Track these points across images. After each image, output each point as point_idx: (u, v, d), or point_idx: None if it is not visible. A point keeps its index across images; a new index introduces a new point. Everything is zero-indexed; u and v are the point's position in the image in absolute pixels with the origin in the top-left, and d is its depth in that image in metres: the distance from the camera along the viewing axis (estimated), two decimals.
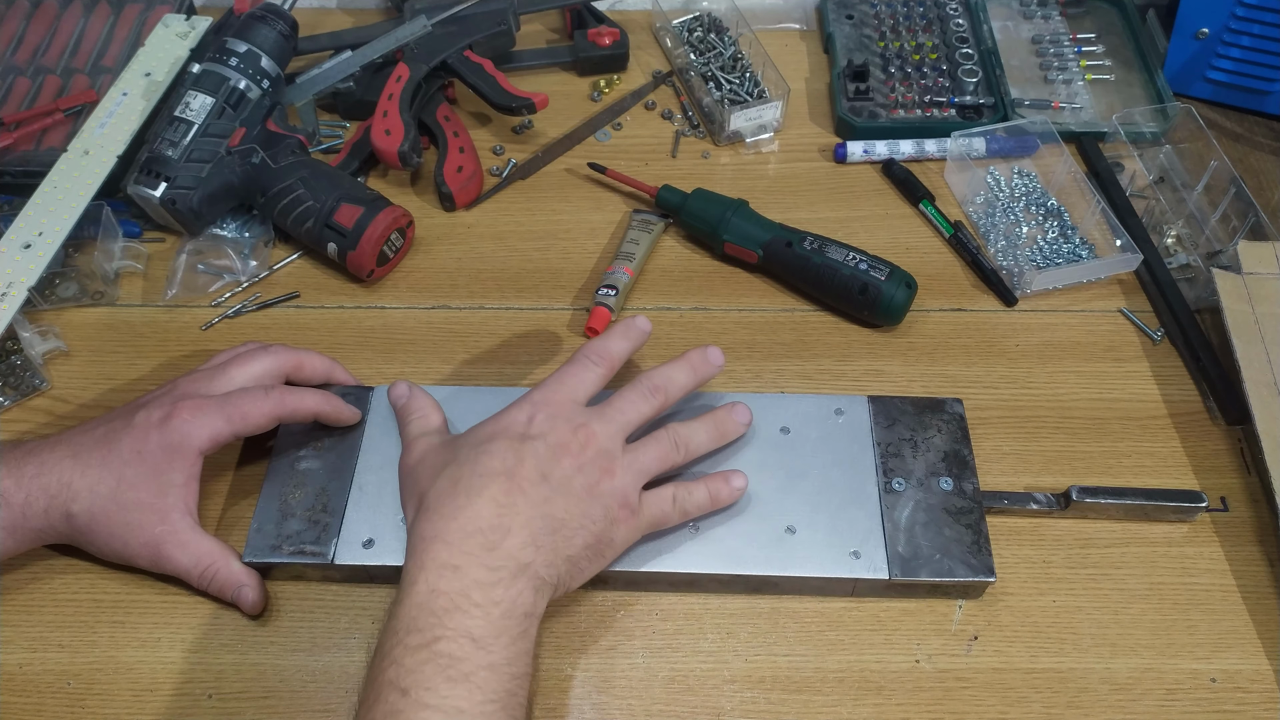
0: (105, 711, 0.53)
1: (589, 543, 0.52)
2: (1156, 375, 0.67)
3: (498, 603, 0.48)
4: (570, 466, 0.52)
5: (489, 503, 0.50)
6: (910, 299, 0.67)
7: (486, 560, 0.49)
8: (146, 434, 0.54)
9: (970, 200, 0.76)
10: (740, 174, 0.79)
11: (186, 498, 0.55)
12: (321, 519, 0.57)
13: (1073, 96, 0.83)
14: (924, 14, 0.88)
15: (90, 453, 0.54)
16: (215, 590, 0.55)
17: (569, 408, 0.54)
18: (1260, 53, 0.79)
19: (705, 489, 0.56)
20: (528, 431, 0.53)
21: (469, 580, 0.48)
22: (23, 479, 0.53)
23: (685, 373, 0.57)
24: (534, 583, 0.50)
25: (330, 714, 0.53)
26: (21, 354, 0.66)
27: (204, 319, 0.69)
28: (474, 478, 0.51)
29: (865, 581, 0.55)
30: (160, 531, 0.54)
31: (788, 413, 0.61)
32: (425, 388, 0.62)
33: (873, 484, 0.58)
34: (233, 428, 0.56)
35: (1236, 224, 0.70)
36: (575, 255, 0.74)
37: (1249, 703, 0.53)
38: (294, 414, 0.58)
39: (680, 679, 0.54)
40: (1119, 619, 0.56)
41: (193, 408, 0.55)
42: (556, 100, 0.82)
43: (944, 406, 0.61)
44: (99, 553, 0.55)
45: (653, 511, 0.54)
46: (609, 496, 0.52)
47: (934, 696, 0.53)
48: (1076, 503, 0.58)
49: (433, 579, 0.48)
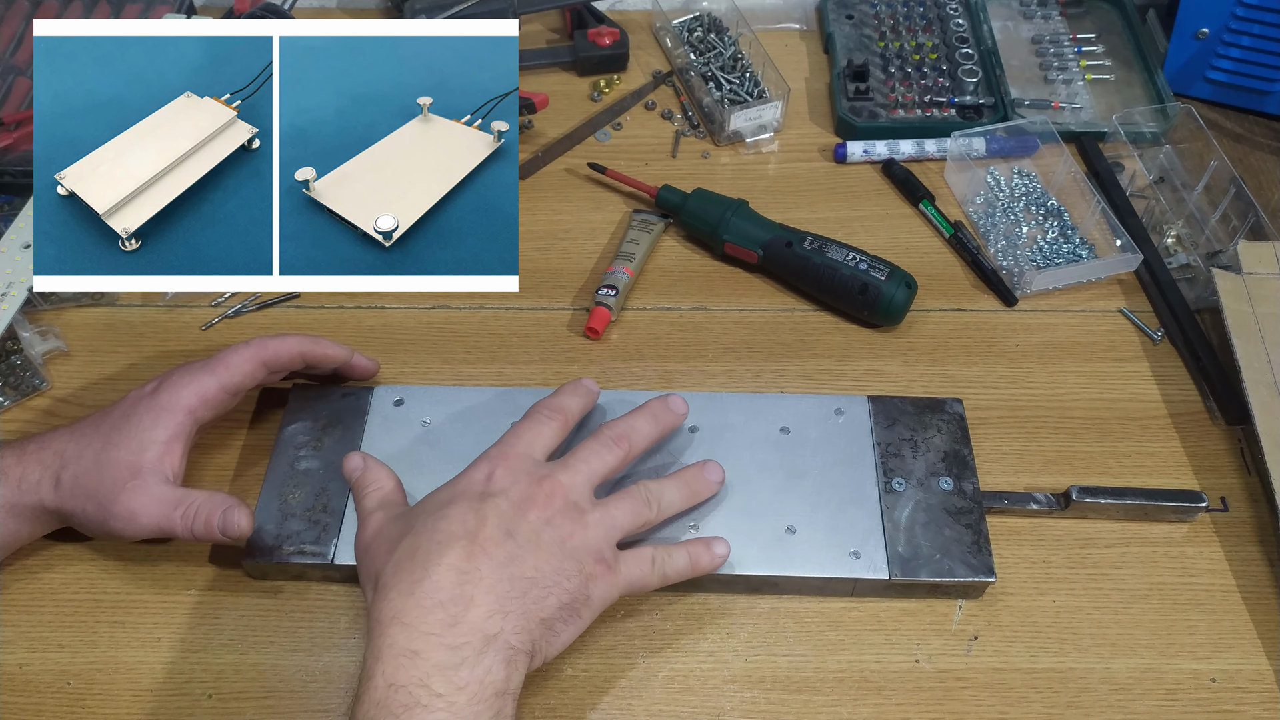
0: (105, 711, 0.53)
1: (564, 602, 0.48)
2: (1156, 375, 0.67)
3: (462, 688, 0.44)
4: (538, 519, 0.49)
5: (448, 570, 0.46)
6: (910, 299, 0.67)
7: (448, 639, 0.45)
8: (137, 402, 0.55)
9: (970, 200, 0.76)
10: (740, 174, 0.79)
11: (166, 456, 0.53)
12: (322, 519, 0.57)
13: (1073, 96, 0.83)
14: (924, 14, 0.88)
15: (84, 424, 0.55)
16: (201, 527, 0.52)
17: (528, 462, 0.52)
18: (1260, 53, 0.79)
19: (686, 553, 0.53)
20: (487, 489, 0.50)
21: (429, 666, 0.44)
22: (24, 455, 0.54)
23: (648, 422, 0.56)
24: (504, 654, 0.46)
25: (330, 714, 0.53)
26: (21, 354, 0.66)
27: (204, 319, 0.69)
28: (432, 545, 0.48)
29: (865, 581, 0.55)
30: (131, 486, 0.52)
31: (788, 413, 0.61)
32: (425, 388, 0.62)
33: (873, 484, 0.58)
34: (218, 380, 0.56)
35: (1236, 224, 0.70)
36: (575, 255, 0.74)
37: (1249, 703, 0.53)
38: (276, 357, 0.58)
39: (680, 679, 0.54)
40: (1119, 619, 0.56)
41: (180, 371, 0.56)
42: (556, 100, 0.82)
43: (944, 406, 0.61)
44: (84, 525, 0.54)
45: (630, 572, 0.51)
46: (582, 551, 0.50)
47: (934, 696, 0.53)
48: (1077, 503, 0.58)
49: (389, 670, 0.44)
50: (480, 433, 0.59)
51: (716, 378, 0.66)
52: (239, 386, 0.57)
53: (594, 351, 0.68)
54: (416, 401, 0.62)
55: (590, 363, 0.67)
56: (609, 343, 0.69)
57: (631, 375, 0.67)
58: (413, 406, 0.62)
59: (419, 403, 0.62)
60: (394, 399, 0.62)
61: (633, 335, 0.69)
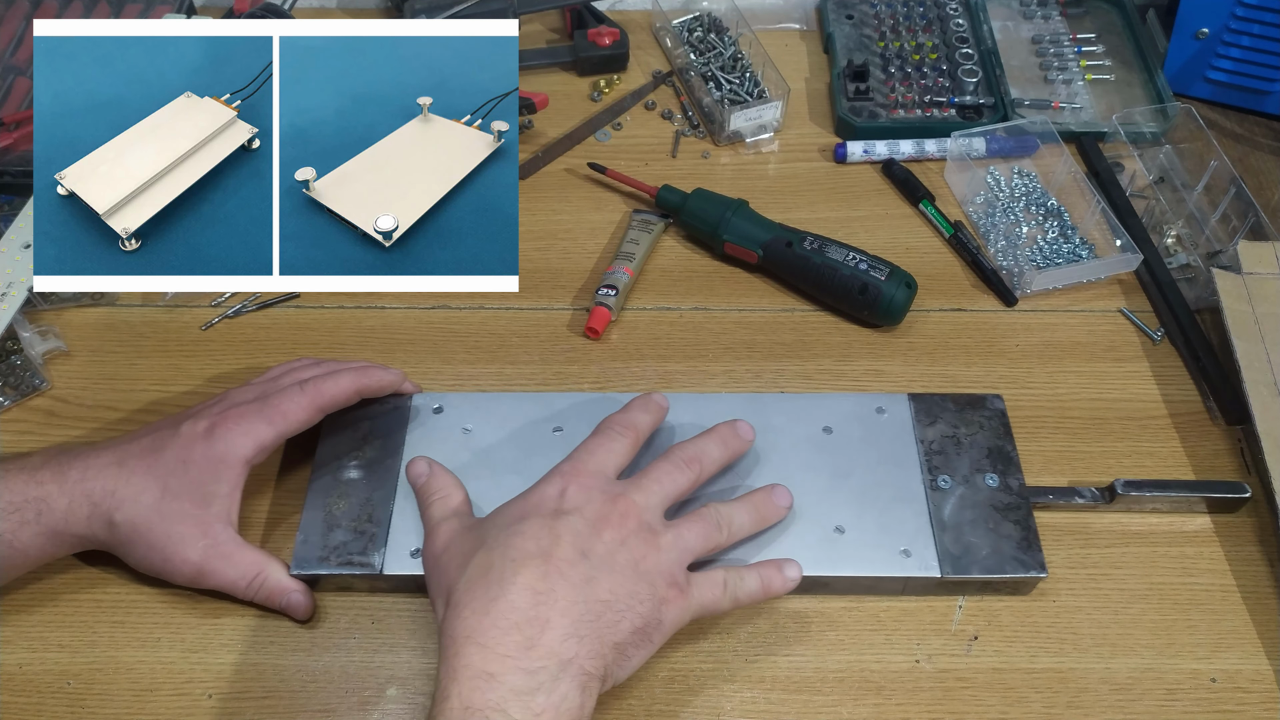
0: (105, 711, 0.53)
1: (637, 626, 0.48)
2: (1156, 375, 0.67)
3: (539, 714, 0.43)
4: (612, 540, 0.49)
5: (524, 591, 0.46)
6: (910, 299, 0.67)
7: (524, 662, 0.44)
8: (192, 444, 0.54)
9: (970, 200, 0.76)
10: (740, 174, 0.79)
11: (230, 509, 0.54)
12: (368, 529, 0.56)
13: (1073, 96, 0.83)
14: (924, 14, 0.88)
15: (136, 460, 0.54)
16: (263, 599, 0.54)
17: (601, 479, 0.51)
18: (1260, 53, 0.79)
19: (758, 576, 0.52)
20: (561, 506, 0.49)
21: (505, 690, 0.43)
22: (66, 483, 0.52)
23: (718, 446, 0.55)
24: (579, 680, 0.45)
25: (330, 714, 0.53)
26: (21, 354, 0.66)
27: (204, 319, 0.69)
28: (506, 563, 0.47)
29: (916, 580, 0.55)
30: (204, 546, 0.53)
31: (829, 412, 0.61)
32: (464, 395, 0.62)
33: (918, 481, 0.58)
34: (275, 430, 0.55)
35: (1236, 224, 0.70)
36: (575, 255, 0.74)
37: (1249, 703, 0.53)
38: (334, 401, 0.57)
39: (680, 679, 0.54)
40: (1119, 619, 0.56)
41: (236, 416, 0.55)
42: (556, 100, 0.82)
43: (985, 403, 0.61)
44: (137, 564, 0.54)
45: (703, 596, 0.50)
46: (655, 574, 0.49)
47: (934, 696, 0.53)
48: (1121, 496, 0.58)
49: (465, 693, 0.43)
50: (522, 440, 0.60)
51: (716, 378, 0.66)
52: (294, 433, 0.56)
53: (594, 351, 0.68)
54: (456, 409, 0.62)
55: (590, 363, 0.67)
56: (609, 343, 0.69)
57: (631, 375, 0.67)
58: (452, 414, 0.61)
59: (458, 410, 0.62)
60: (434, 407, 0.62)
61: (633, 335, 0.69)
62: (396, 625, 0.56)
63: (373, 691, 0.53)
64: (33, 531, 0.52)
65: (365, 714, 0.53)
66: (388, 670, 0.54)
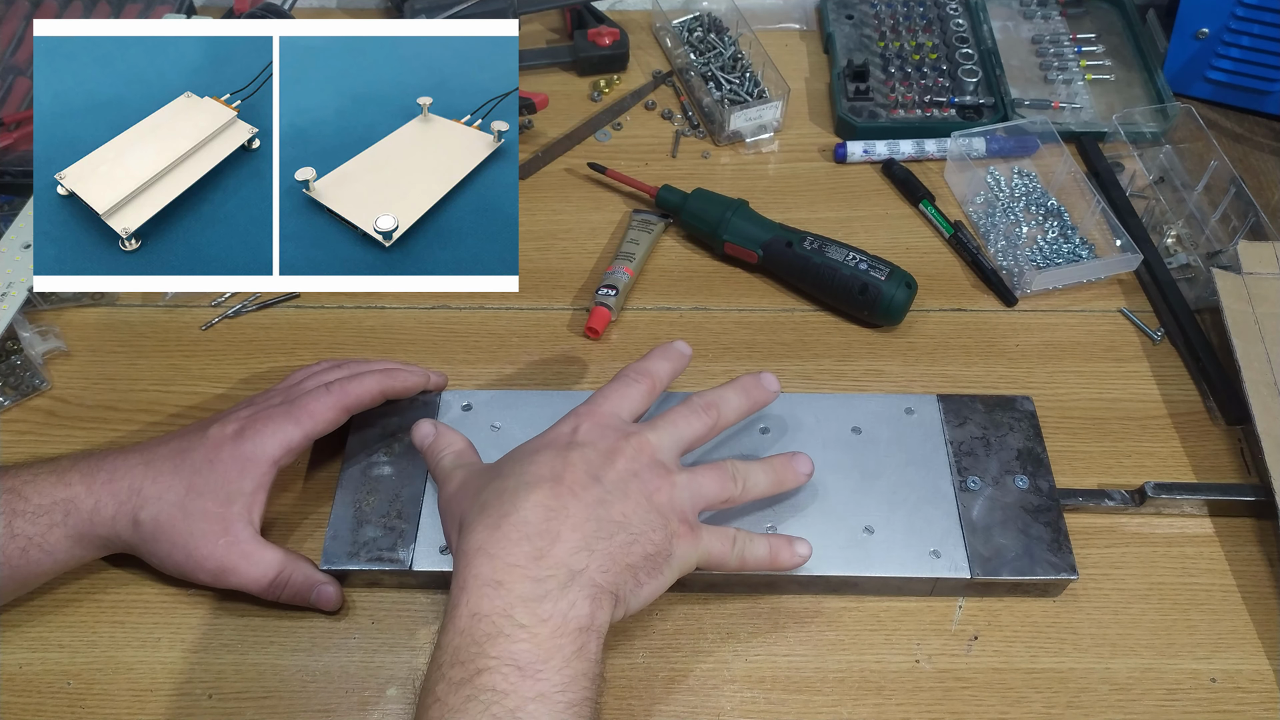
0: (105, 711, 0.53)
1: (649, 553, 0.48)
2: (1156, 375, 0.67)
3: (545, 620, 0.44)
4: (625, 470, 0.49)
5: (536, 507, 0.47)
6: (910, 299, 0.67)
7: (532, 571, 0.45)
8: (220, 445, 0.54)
9: (970, 200, 0.76)
10: (740, 174, 0.79)
11: (252, 508, 0.54)
12: (397, 525, 0.56)
13: (1073, 96, 0.83)
14: (924, 14, 0.88)
15: (163, 461, 0.54)
16: (289, 596, 0.54)
17: (615, 419, 0.52)
18: (1260, 53, 0.79)
19: (768, 544, 0.52)
20: (574, 440, 0.50)
21: (512, 597, 0.44)
22: (94, 485, 0.53)
23: (739, 395, 0.54)
24: (589, 591, 0.46)
25: (330, 714, 0.53)
26: (21, 354, 0.66)
27: (204, 319, 0.69)
28: (519, 486, 0.48)
29: (946, 581, 0.55)
30: (224, 544, 0.53)
31: (858, 413, 0.61)
32: (491, 393, 0.63)
33: (948, 482, 0.58)
34: (302, 430, 0.55)
35: (1236, 224, 0.70)
36: (575, 255, 0.74)
37: (1249, 703, 0.53)
38: (359, 402, 0.57)
39: (680, 679, 0.54)
40: (1119, 619, 0.56)
41: (264, 418, 0.55)
42: (556, 100, 0.82)
43: (1014, 404, 0.61)
44: (161, 564, 0.54)
45: (711, 544, 0.51)
46: (668, 508, 0.49)
47: (934, 696, 0.53)
48: (1152, 498, 0.58)
49: (474, 600, 0.44)
50: None
51: (716, 378, 0.66)
52: (321, 434, 0.56)
53: (594, 351, 0.68)
54: (484, 406, 0.62)
55: (590, 363, 0.67)
56: (609, 343, 0.69)
57: None
58: (481, 412, 0.62)
59: (487, 408, 0.62)
60: (463, 404, 0.62)
61: (633, 335, 0.69)
62: (396, 625, 0.56)
63: (373, 691, 0.53)
64: (60, 534, 0.52)
65: (365, 714, 0.53)
66: (388, 670, 0.54)
